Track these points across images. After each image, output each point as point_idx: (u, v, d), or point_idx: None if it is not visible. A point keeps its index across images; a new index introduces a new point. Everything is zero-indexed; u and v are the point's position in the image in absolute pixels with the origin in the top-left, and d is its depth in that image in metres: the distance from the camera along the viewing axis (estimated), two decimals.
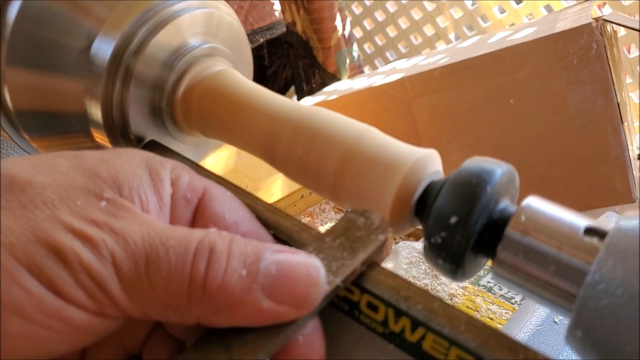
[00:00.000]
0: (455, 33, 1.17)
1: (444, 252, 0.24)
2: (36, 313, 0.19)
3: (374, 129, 0.28)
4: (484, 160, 0.25)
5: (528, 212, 0.23)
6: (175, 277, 0.20)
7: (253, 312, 0.21)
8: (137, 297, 0.20)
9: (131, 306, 0.20)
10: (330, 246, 0.24)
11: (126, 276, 0.20)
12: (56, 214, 0.20)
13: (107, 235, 0.20)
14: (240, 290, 0.21)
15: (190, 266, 0.20)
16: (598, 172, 0.76)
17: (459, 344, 0.22)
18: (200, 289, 0.20)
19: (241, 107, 0.31)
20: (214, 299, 0.20)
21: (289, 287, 0.21)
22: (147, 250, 0.20)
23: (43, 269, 0.19)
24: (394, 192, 0.26)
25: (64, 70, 0.32)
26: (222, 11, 0.35)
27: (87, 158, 0.23)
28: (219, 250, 0.21)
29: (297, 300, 0.21)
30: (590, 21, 0.73)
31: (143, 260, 0.20)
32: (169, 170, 0.25)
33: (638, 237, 0.20)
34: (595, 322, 0.20)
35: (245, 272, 0.21)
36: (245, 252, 0.21)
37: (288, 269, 0.21)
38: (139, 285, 0.20)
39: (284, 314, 0.21)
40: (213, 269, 0.20)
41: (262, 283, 0.21)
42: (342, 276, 0.23)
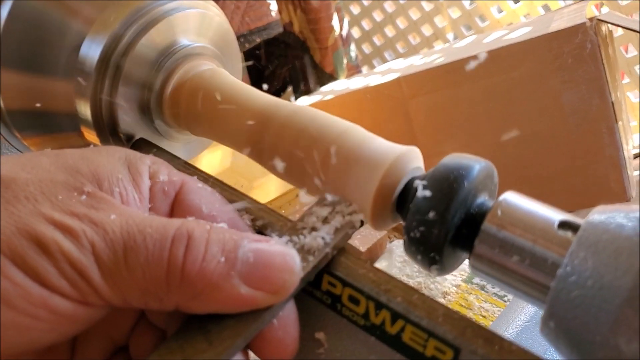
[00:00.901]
0: (454, 33, 1.17)
1: (422, 247, 0.24)
2: (23, 303, 0.20)
3: (357, 127, 0.29)
4: (462, 156, 0.25)
5: (504, 207, 0.24)
6: (153, 263, 0.21)
7: (231, 298, 0.21)
8: (117, 285, 0.21)
9: (112, 293, 0.21)
10: (303, 233, 0.25)
11: (106, 264, 0.21)
12: (38, 208, 0.21)
13: (87, 226, 0.21)
14: (218, 276, 0.21)
15: (168, 252, 0.21)
16: (593, 171, 0.76)
17: (437, 335, 0.22)
18: (178, 274, 0.21)
19: (228, 106, 0.31)
20: (192, 284, 0.21)
21: (266, 274, 0.22)
22: (125, 238, 0.21)
23: (27, 259, 0.20)
24: (375, 188, 0.26)
25: (55, 70, 0.33)
26: (210, 11, 0.35)
27: (68, 155, 0.24)
28: (197, 237, 0.22)
29: (274, 287, 0.22)
30: (584, 21, 0.73)
31: (121, 248, 0.21)
32: (148, 165, 0.26)
33: (608, 230, 0.20)
34: (567, 313, 0.20)
35: (223, 259, 0.22)
36: (223, 239, 0.22)
37: (265, 256, 0.22)
38: (118, 272, 0.21)
39: (260, 300, 0.22)
40: (191, 255, 0.21)
41: (240, 270, 0.22)
42: (315, 262, 0.24)
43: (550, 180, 0.79)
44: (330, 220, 0.26)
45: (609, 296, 0.19)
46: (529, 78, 0.77)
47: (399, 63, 1.00)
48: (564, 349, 0.21)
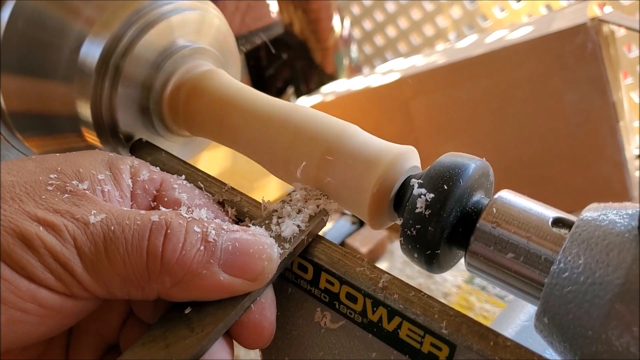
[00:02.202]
0: (456, 33, 1.17)
1: (418, 244, 0.25)
2: (12, 297, 0.21)
3: (354, 127, 0.29)
4: (458, 155, 0.26)
5: (499, 205, 0.24)
6: (133, 252, 0.22)
7: (211, 285, 0.22)
8: (99, 275, 0.22)
9: (95, 285, 0.22)
10: (278, 223, 0.26)
11: (87, 256, 0.22)
12: (23, 207, 0.22)
13: (69, 221, 0.22)
14: (198, 264, 0.22)
15: (146, 242, 0.22)
16: (594, 171, 0.76)
17: (433, 332, 0.23)
18: (158, 262, 0.22)
19: (226, 105, 0.32)
20: (172, 272, 0.22)
21: (245, 261, 0.23)
22: (104, 231, 0.22)
23: (13, 255, 0.21)
24: (372, 187, 0.26)
25: (55, 72, 0.33)
26: (209, 13, 0.36)
27: (52, 159, 0.25)
28: (175, 226, 0.23)
29: (253, 274, 0.23)
30: (585, 21, 0.73)
31: (101, 240, 0.22)
32: (129, 165, 0.27)
33: (601, 227, 0.21)
34: (560, 308, 0.21)
35: (202, 247, 0.22)
36: (202, 228, 0.23)
37: (244, 245, 0.23)
38: (99, 263, 0.22)
39: (240, 286, 0.23)
40: (170, 243, 0.22)
41: (219, 257, 0.23)
42: (291, 249, 0.25)
43: (552, 180, 0.79)
44: (305, 208, 0.27)
45: (600, 291, 0.19)
46: (530, 78, 0.77)
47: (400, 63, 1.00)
48: (558, 344, 0.21)
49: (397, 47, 1.25)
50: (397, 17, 1.22)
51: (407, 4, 1.20)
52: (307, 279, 0.26)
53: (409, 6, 1.20)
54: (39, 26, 0.33)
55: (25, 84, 0.33)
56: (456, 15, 1.15)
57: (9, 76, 0.33)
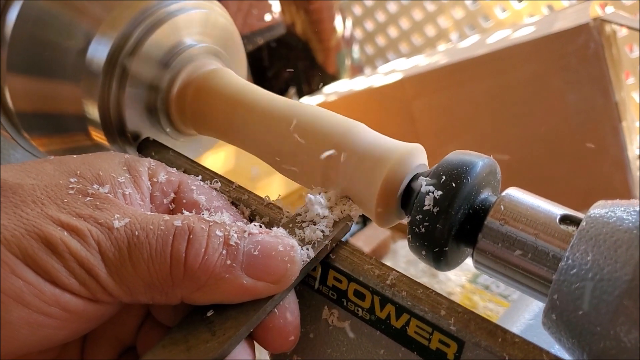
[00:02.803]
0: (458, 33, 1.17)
1: (426, 242, 0.25)
2: (36, 301, 0.21)
3: (362, 125, 0.29)
4: (465, 153, 0.26)
5: (507, 202, 0.24)
6: (157, 258, 0.22)
7: (234, 289, 0.22)
8: (124, 281, 0.22)
9: (119, 290, 0.22)
10: (302, 227, 0.26)
11: (112, 262, 0.22)
12: (45, 211, 0.22)
13: (92, 226, 0.22)
14: (221, 268, 0.22)
15: (170, 247, 0.22)
16: (597, 171, 0.76)
17: (441, 328, 0.23)
18: (181, 268, 0.22)
19: (233, 104, 0.32)
20: (196, 277, 0.22)
21: (268, 264, 0.23)
22: (128, 236, 0.22)
23: (37, 260, 0.21)
24: (379, 185, 0.26)
25: (63, 72, 0.33)
26: (215, 12, 0.36)
27: (70, 161, 0.25)
28: (198, 231, 0.23)
29: (275, 277, 0.23)
30: (588, 21, 0.73)
31: (125, 246, 0.22)
32: (147, 167, 0.27)
33: (608, 223, 0.21)
34: (568, 305, 0.21)
35: (225, 252, 0.22)
36: (224, 232, 0.23)
37: (266, 247, 0.23)
38: (123, 268, 0.22)
39: (262, 289, 0.23)
40: (193, 249, 0.22)
41: (242, 261, 0.23)
42: (314, 253, 0.25)
43: (554, 180, 0.79)
44: (330, 213, 0.27)
45: (608, 288, 0.20)
46: (532, 78, 0.77)
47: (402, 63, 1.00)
48: (566, 341, 0.21)
49: (399, 47, 1.25)
50: (399, 17, 1.22)
51: (408, 4, 1.20)
52: (315, 276, 0.26)
53: (411, 6, 1.20)
54: (46, 26, 0.33)
55: (32, 84, 0.33)
56: (458, 15, 1.15)
57: (17, 76, 0.33)
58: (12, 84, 0.33)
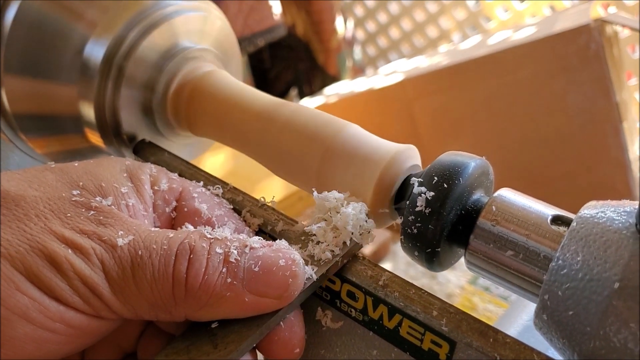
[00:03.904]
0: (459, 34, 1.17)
1: (419, 242, 0.25)
2: (41, 318, 0.21)
3: (355, 125, 0.29)
4: (458, 154, 0.26)
5: (499, 203, 0.24)
6: (159, 279, 0.22)
7: (236, 306, 0.22)
8: (127, 299, 0.22)
9: (123, 308, 0.22)
10: (313, 240, 0.26)
11: (115, 280, 0.22)
12: (49, 226, 0.22)
13: (96, 244, 0.22)
14: (221, 287, 0.22)
15: (172, 268, 0.22)
16: (598, 171, 0.76)
17: (433, 329, 0.23)
18: (183, 288, 0.22)
19: (228, 105, 0.32)
20: (197, 297, 0.22)
21: (269, 279, 0.23)
22: (132, 255, 0.22)
23: (41, 277, 0.21)
24: (373, 185, 0.27)
25: (59, 74, 0.33)
26: (212, 14, 0.36)
27: (72, 170, 0.25)
28: (199, 250, 0.22)
29: (278, 292, 0.23)
30: (589, 22, 0.73)
31: (129, 265, 0.22)
32: (148, 174, 0.27)
33: (599, 224, 0.21)
34: (559, 305, 0.21)
35: (225, 270, 0.22)
36: (224, 249, 0.23)
37: (268, 262, 0.23)
38: (127, 288, 0.22)
39: (265, 305, 0.23)
40: (194, 269, 0.22)
41: (243, 278, 0.22)
42: (324, 269, 0.24)
43: (556, 181, 0.78)
44: (339, 231, 0.26)
45: (598, 288, 0.20)
46: (533, 79, 0.77)
47: (404, 64, 1.00)
48: (557, 341, 0.21)
49: (401, 48, 1.25)
50: (401, 18, 1.22)
51: (410, 5, 1.20)
52: None
53: (412, 7, 1.20)
54: (43, 28, 0.33)
55: (29, 85, 0.34)
56: (459, 16, 1.15)
57: (13, 77, 0.33)
58: (9, 85, 0.33)
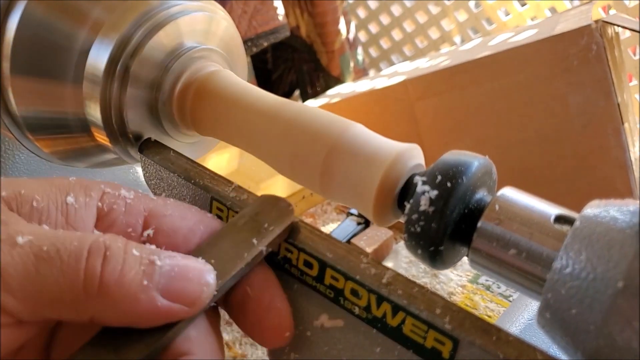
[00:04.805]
0: (461, 36, 1.18)
1: (422, 241, 0.25)
2: None
3: (358, 125, 0.29)
4: (461, 153, 0.26)
5: (502, 202, 0.24)
6: (69, 273, 0.21)
7: (148, 310, 0.22)
8: (26, 297, 0.21)
9: (20, 307, 0.21)
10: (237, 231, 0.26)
11: (12, 278, 0.21)
12: None
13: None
14: (137, 286, 0.22)
15: (84, 262, 0.22)
16: (599, 173, 0.76)
17: (437, 327, 0.23)
18: (96, 283, 0.21)
19: (233, 105, 0.32)
20: (110, 294, 0.21)
21: (183, 286, 0.23)
22: (34, 251, 0.21)
23: None
24: (377, 185, 0.27)
25: (65, 73, 0.33)
26: (217, 14, 0.36)
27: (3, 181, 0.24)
28: (115, 249, 0.22)
29: (190, 299, 0.23)
30: (590, 23, 0.73)
31: (31, 261, 0.21)
32: (96, 199, 0.26)
33: (602, 223, 0.21)
34: (562, 304, 0.21)
35: (142, 270, 0.22)
36: (141, 252, 0.23)
37: (182, 270, 0.23)
38: (28, 284, 0.21)
39: (176, 312, 0.22)
40: (110, 265, 0.22)
41: (158, 282, 0.22)
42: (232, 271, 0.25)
43: (557, 181, 0.79)
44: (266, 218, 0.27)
45: (602, 287, 0.20)
46: (534, 80, 0.77)
47: (406, 66, 1.00)
48: (560, 339, 0.22)
49: (403, 49, 1.25)
50: (403, 20, 1.22)
51: (412, 7, 1.20)
52: (313, 275, 0.26)
53: (415, 9, 1.20)
54: (49, 29, 0.33)
55: (35, 85, 0.34)
56: (461, 18, 1.16)
57: (20, 77, 0.34)
58: (16, 85, 0.34)
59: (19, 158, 0.43)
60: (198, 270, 0.23)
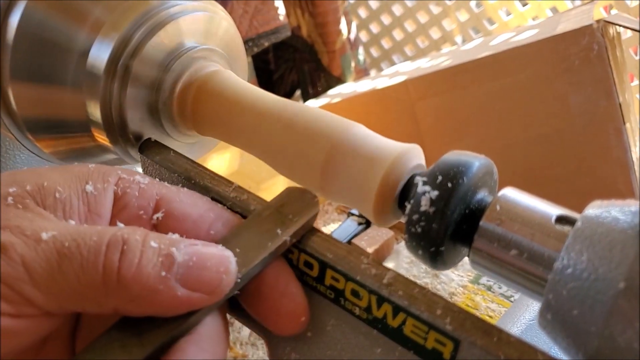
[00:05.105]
0: (462, 36, 1.17)
1: (423, 242, 0.25)
2: None
3: (360, 125, 0.29)
4: (462, 153, 0.26)
5: (503, 202, 0.24)
6: (89, 268, 0.22)
7: (168, 300, 0.22)
8: (51, 292, 0.22)
9: (46, 301, 0.22)
10: (262, 221, 0.26)
11: (38, 273, 0.21)
12: None
13: (17, 238, 0.22)
14: (155, 278, 0.22)
15: (103, 257, 0.22)
16: (600, 172, 0.76)
17: (437, 328, 0.23)
18: (115, 278, 0.22)
19: (234, 105, 0.32)
20: (129, 287, 0.22)
21: (203, 275, 0.23)
22: (57, 247, 0.22)
23: None
24: (377, 185, 0.27)
25: (65, 74, 0.33)
26: (217, 15, 0.36)
27: (20, 172, 0.25)
28: (132, 241, 0.22)
29: (210, 287, 0.23)
30: (591, 22, 0.73)
31: (55, 257, 0.22)
32: (113, 184, 0.26)
33: (603, 223, 0.21)
34: (563, 305, 0.21)
35: (160, 262, 0.22)
36: (159, 243, 0.23)
37: (201, 258, 0.23)
38: (52, 280, 0.21)
39: (197, 301, 0.23)
40: (127, 259, 0.22)
41: (177, 272, 0.22)
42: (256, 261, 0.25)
43: (558, 182, 0.79)
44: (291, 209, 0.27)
45: (603, 287, 0.20)
46: (535, 80, 0.77)
47: (406, 66, 1.00)
48: (561, 340, 0.22)
49: (404, 49, 1.25)
50: (404, 20, 1.22)
51: (413, 7, 1.20)
52: (313, 275, 0.26)
53: (416, 9, 1.20)
54: (49, 29, 0.33)
55: (36, 86, 0.34)
56: (462, 18, 1.15)
57: (20, 78, 0.33)
58: (16, 86, 0.34)
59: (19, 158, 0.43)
60: (217, 258, 0.23)
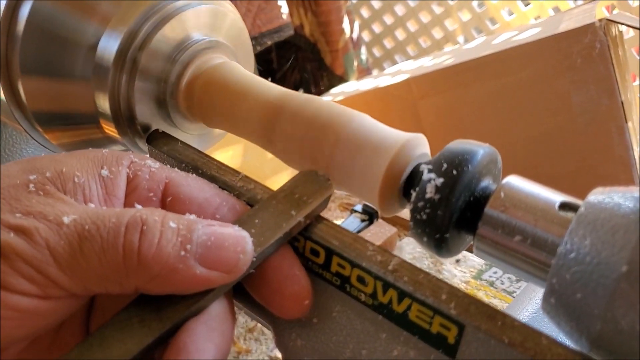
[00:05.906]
0: (464, 36, 1.18)
1: (428, 228, 0.25)
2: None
3: (365, 115, 0.30)
4: (466, 142, 0.26)
5: (507, 190, 0.25)
6: (109, 250, 0.22)
7: (187, 278, 0.23)
8: (75, 274, 0.22)
9: (71, 283, 0.22)
10: (277, 203, 0.27)
11: (62, 256, 0.22)
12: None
13: (41, 223, 0.22)
14: (174, 258, 0.23)
15: (122, 238, 0.22)
16: (602, 171, 0.77)
17: (442, 312, 0.23)
18: (135, 258, 0.22)
19: (241, 96, 0.33)
20: (149, 267, 0.22)
21: (220, 254, 0.23)
22: (78, 230, 0.22)
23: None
24: (383, 173, 0.27)
25: (74, 67, 0.34)
26: (224, 8, 0.36)
27: (39, 159, 0.26)
28: (151, 222, 0.23)
29: (228, 266, 0.23)
30: (593, 21, 0.73)
31: (76, 240, 0.22)
32: (125, 166, 0.27)
33: (606, 209, 0.21)
34: (566, 289, 0.21)
35: (179, 242, 0.23)
36: (178, 224, 0.23)
37: (219, 238, 0.24)
38: (75, 262, 0.22)
39: (215, 279, 0.23)
40: (147, 239, 0.23)
41: (195, 251, 0.23)
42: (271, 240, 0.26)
43: (560, 179, 0.79)
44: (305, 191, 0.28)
45: (606, 271, 0.20)
46: (538, 78, 0.77)
47: (409, 64, 1.00)
48: (564, 324, 0.22)
49: (407, 49, 1.26)
50: (407, 19, 1.22)
51: (416, 7, 1.20)
52: (319, 262, 0.27)
53: (418, 9, 1.20)
54: (57, 25, 0.34)
55: (45, 79, 0.34)
56: (464, 18, 1.16)
57: (30, 72, 0.34)
58: (26, 79, 0.34)
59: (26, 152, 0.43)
60: (235, 238, 0.24)
